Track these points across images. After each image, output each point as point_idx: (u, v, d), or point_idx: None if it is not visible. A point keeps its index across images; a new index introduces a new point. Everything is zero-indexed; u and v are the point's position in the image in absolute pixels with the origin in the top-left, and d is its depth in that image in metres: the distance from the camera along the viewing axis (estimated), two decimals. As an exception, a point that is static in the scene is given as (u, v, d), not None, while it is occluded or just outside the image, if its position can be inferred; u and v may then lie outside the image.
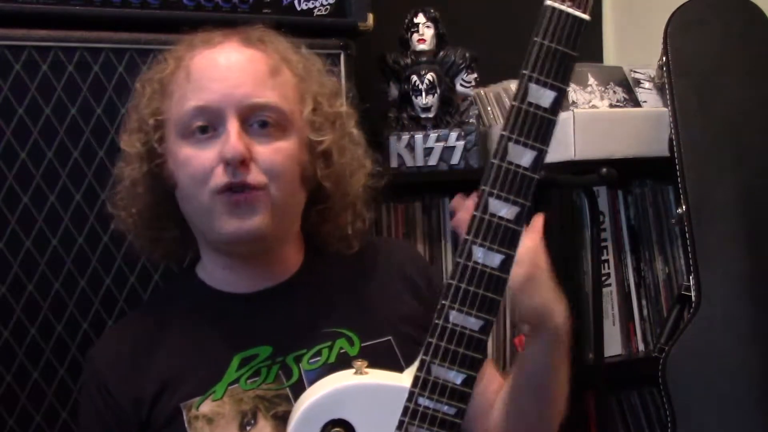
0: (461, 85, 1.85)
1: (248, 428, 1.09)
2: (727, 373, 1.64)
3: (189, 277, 1.22)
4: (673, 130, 1.72)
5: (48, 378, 1.39)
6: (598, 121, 1.80)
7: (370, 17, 1.61)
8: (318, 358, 1.13)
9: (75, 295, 1.40)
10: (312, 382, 1.10)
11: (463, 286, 0.95)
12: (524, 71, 0.94)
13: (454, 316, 0.95)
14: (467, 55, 1.84)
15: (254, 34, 1.15)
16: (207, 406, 1.10)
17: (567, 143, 1.74)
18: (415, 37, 1.83)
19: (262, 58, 1.12)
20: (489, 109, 1.99)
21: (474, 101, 1.90)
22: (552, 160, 1.73)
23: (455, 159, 1.78)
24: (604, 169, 1.58)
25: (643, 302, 1.96)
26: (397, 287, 1.23)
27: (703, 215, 1.68)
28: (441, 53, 1.85)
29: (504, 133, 0.94)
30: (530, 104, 0.93)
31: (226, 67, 1.10)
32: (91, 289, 1.41)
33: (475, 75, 1.86)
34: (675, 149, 1.71)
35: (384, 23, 1.66)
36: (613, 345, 1.90)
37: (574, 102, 1.90)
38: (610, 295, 1.92)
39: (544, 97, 0.93)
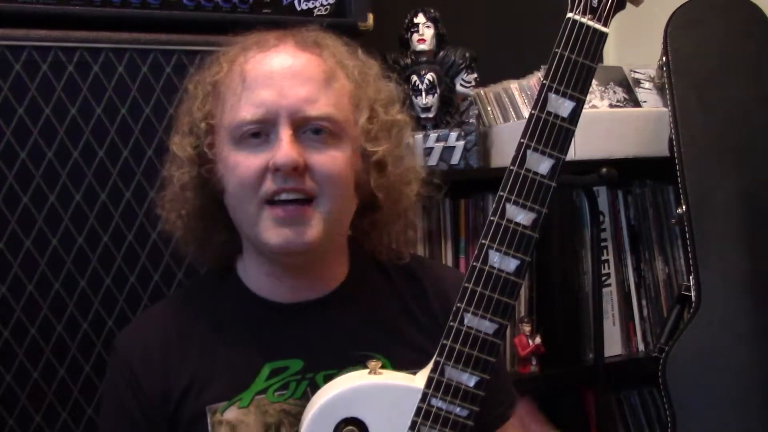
0: (461, 85, 1.85)
1: None
2: (727, 373, 1.64)
3: (227, 276, 1.18)
4: (673, 130, 1.72)
5: (48, 378, 1.39)
6: (598, 121, 1.80)
7: (370, 17, 1.62)
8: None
9: (75, 295, 1.40)
10: None
11: (478, 289, 0.97)
12: (544, 81, 0.96)
13: (469, 319, 0.98)
14: (467, 55, 1.84)
15: (309, 36, 1.12)
16: (232, 413, 1.07)
17: (567, 143, 1.74)
18: (415, 37, 1.83)
19: (318, 64, 1.08)
20: (489, 109, 1.98)
21: (474, 101, 1.90)
22: (552, 160, 1.75)
23: (455, 159, 1.78)
24: (604, 169, 1.58)
25: (643, 302, 1.96)
26: (439, 317, 1.16)
27: (703, 215, 1.68)
28: (441, 53, 1.85)
29: (523, 140, 0.97)
30: (549, 113, 0.96)
31: (280, 73, 1.06)
32: (91, 289, 1.41)
33: (475, 75, 1.86)
34: (675, 149, 1.71)
35: (384, 23, 1.66)
36: (613, 345, 1.90)
37: (574, 102, 1.90)
38: (610, 295, 1.92)
39: (563, 106, 0.96)
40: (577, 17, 0.96)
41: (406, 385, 1.01)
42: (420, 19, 1.83)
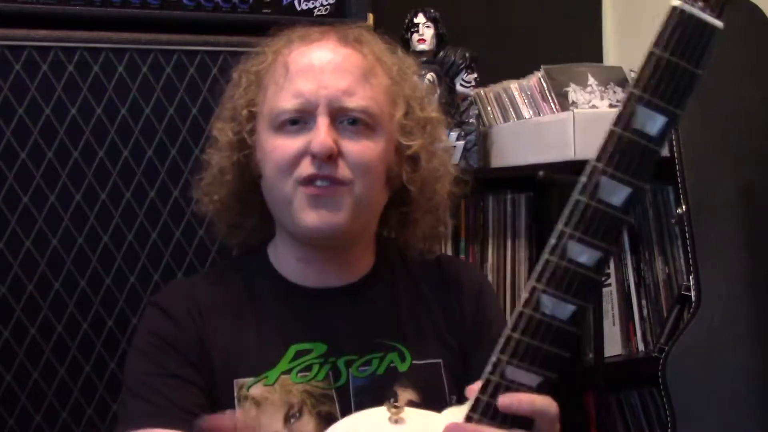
0: (461, 85, 1.86)
1: (293, 420, 1.10)
2: (727, 373, 1.64)
3: (259, 258, 1.21)
4: (673, 130, 1.72)
5: (48, 378, 1.39)
6: (598, 121, 1.80)
7: (370, 17, 1.61)
8: (367, 368, 1.13)
9: (75, 295, 1.40)
10: (358, 388, 1.11)
11: (525, 339, 0.84)
12: (634, 90, 0.79)
13: (512, 372, 0.85)
14: (467, 55, 1.84)
15: (351, 33, 1.15)
16: (257, 389, 1.10)
17: (567, 143, 1.74)
18: (415, 37, 1.83)
19: (358, 59, 1.12)
20: (489, 109, 1.99)
21: (474, 101, 1.90)
22: (552, 160, 1.75)
23: (455, 159, 1.78)
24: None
25: (643, 302, 1.96)
26: (458, 312, 1.20)
27: (703, 215, 1.68)
28: (441, 53, 1.85)
29: (598, 164, 0.81)
30: (635, 131, 0.79)
31: (321, 66, 1.10)
32: (91, 289, 1.41)
33: (475, 75, 1.87)
34: (675, 149, 1.71)
35: (384, 23, 1.66)
36: (613, 345, 1.90)
37: (573, 102, 1.90)
38: (610, 295, 1.92)
39: (652, 122, 0.79)
40: (686, 7, 0.78)
41: None
42: (420, 19, 1.83)
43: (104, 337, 1.42)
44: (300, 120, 1.09)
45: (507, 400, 0.86)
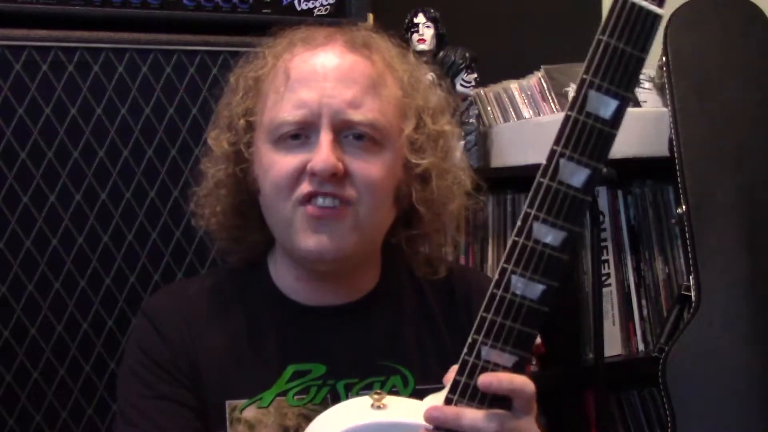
0: (461, 85, 1.86)
1: None
2: (727, 373, 1.64)
3: (258, 270, 1.14)
4: (673, 130, 1.72)
5: (48, 378, 1.39)
6: (598, 121, 1.80)
7: (370, 17, 1.61)
8: (368, 391, 1.03)
9: (75, 295, 1.40)
10: None
11: (498, 319, 0.86)
12: (584, 76, 0.82)
13: (487, 353, 0.86)
14: (467, 55, 1.84)
15: (359, 36, 1.07)
16: (251, 412, 1.05)
17: (567, 143, 1.74)
18: (415, 37, 1.83)
19: (366, 67, 1.04)
20: (489, 109, 1.99)
21: (474, 101, 1.90)
22: (552, 160, 1.74)
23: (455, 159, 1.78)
24: (604, 169, 1.58)
25: (643, 302, 1.96)
26: (468, 330, 1.09)
27: (703, 215, 1.68)
28: (441, 53, 1.85)
29: (556, 148, 0.83)
30: (589, 115, 0.82)
31: (325, 73, 1.02)
32: (91, 289, 1.41)
33: (475, 75, 1.87)
34: (675, 149, 1.71)
35: (384, 23, 1.66)
36: (613, 345, 1.90)
37: (574, 102, 1.90)
38: (610, 295, 1.92)
39: (605, 106, 0.82)
40: None
41: (414, 423, 0.90)
42: (420, 19, 1.83)
43: (104, 337, 1.42)
44: (301, 134, 1.02)
45: (486, 379, 0.85)
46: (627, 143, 1.80)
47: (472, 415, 0.85)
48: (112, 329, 1.42)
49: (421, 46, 1.83)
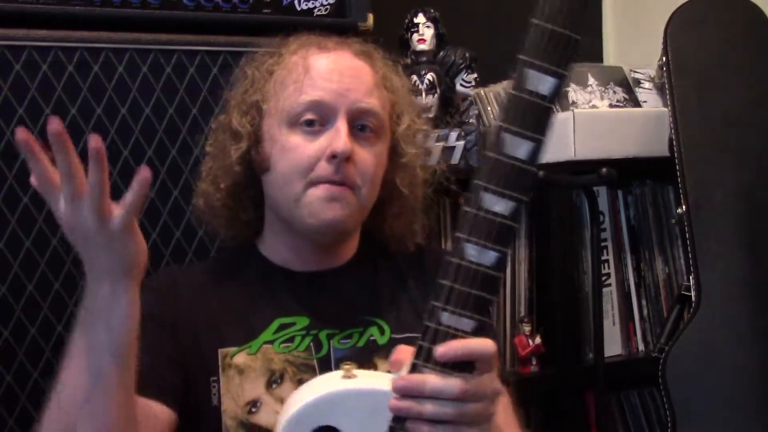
0: (461, 85, 1.85)
1: (274, 386, 1.15)
2: (727, 372, 1.64)
3: (250, 250, 1.28)
4: (673, 130, 1.72)
5: (48, 378, 1.38)
6: (598, 121, 1.80)
7: (370, 17, 1.61)
8: (348, 341, 1.20)
9: (75, 295, 1.40)
10: (339, 359, 1.16)
11: (456, 286, 0.90)
12: (521, 56, 0.88)
13: (447, 318, 0.91)
14: (467, 55, 1.84)
15: (363, 48, 1.25)
16: (241, 358, 1.16)
17: (567, 143, 1.74)
18: (415, 37, 1.83)
19: (370, 71, 1.22)
20: (489, 109, 1.98)
21: (474, 101, 1.90)
22: (552, 160, 1.75)
23: (455, 159, 1.78)
24: (604, 169, 1.58)
25: (643, 302, 1.96)
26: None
27: (703, 215, 1.69)
28: (441, 53, 1.85)
29: (500, 123, 0.89)
30: (529, 92, 0.88)
31: (340, 72, 1.18)
32: (91, 289, 1.41)
33: (475, 75, 1.86)
34: (675, 149, 1.71)
35: (384, 23, 1.66)
36: (613, 345, 1.90)
37: (574, 102, 1.90)
38: (610, 295, 1.92)
39: (543, 84, 0.88)
40: None
41: (381, 389, 0.95)
42: (420, 19, 1.83)
43: (104, 337, 1.41)
44: (317, 121, 1.16)
45: (442, 350, 0.90)
46: (627, 143, 1.81)
47: (433, 380, 0.90)
48: (112, 329, 1.42)
49: (421, 46, 1.82)
